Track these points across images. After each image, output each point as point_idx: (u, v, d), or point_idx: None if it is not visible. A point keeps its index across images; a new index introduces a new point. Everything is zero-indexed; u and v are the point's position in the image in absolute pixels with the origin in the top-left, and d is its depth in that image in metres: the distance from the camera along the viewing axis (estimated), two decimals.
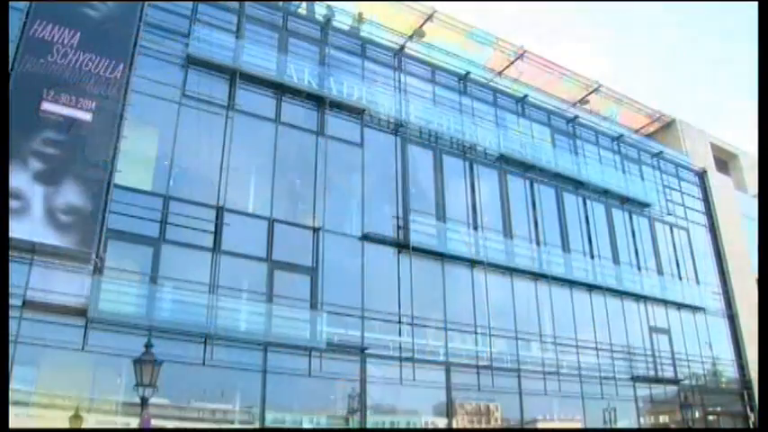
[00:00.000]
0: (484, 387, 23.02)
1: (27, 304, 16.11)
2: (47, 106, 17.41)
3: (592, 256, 28.17)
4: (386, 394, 21.57)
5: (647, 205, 31.51)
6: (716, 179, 36.27)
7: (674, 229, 32.78)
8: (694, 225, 33.99)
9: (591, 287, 27.34)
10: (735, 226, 34.87)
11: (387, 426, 22.24)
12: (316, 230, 21.35)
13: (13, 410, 15.64)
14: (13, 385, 15.58)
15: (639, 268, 29.91)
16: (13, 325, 14.94)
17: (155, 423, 14.95)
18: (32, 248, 16.34)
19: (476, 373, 22.93)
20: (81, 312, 16.80)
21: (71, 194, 17.14)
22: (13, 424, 15.98)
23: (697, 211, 34.74)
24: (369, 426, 20.72)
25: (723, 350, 32.17)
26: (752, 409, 31.14)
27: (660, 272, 30.77)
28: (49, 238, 16.51)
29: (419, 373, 21.62)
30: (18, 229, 15.70)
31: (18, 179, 16.35)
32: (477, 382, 22.92)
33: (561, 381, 24.82)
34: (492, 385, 23.19)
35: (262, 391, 19.06)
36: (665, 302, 30.03)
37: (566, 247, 27.42)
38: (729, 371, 32.29)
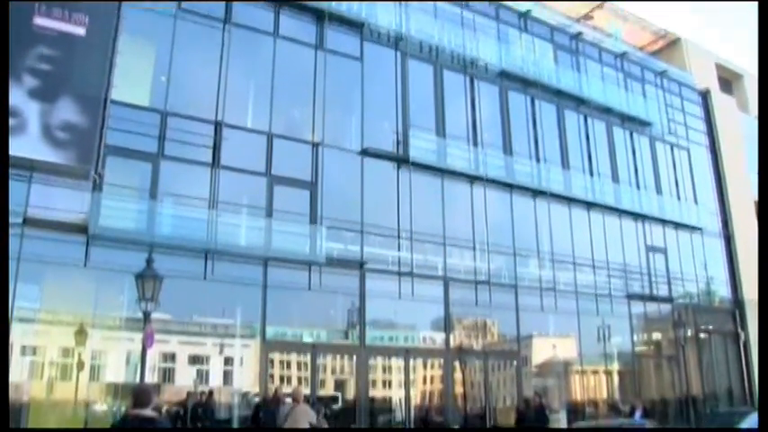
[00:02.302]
0: (481, 302, 23.41)
1: (28, 221, 16.16)
2: (39, 21, 16.99)
3: (591, 174, 28.14)
4: (385, 309, 21.95)
5: (648, 124, 31.26)
6: (719, 99, 35.86)
7: (675, 149, 32.64)
8: (695, 145, 33.82)
9: (590, 205, 27.44)
10: (736, 147, 34.68)
11: (386, 340, 22.69)
12: (315, 145, 21.25)
13: (18, 327, 16.02)
14: (17, 303, 15.83)
15: (639, 187, 29.93)
16: (14, 243, 14.99)
17: (158, 338, 15.20)
18: (31, 165, 16.27)
19: (474, 288, 23.28)
20: (82, 229, 16.90)
21: (67, 111, 16.92)
22: (19, 341, 16.33)
23: (698, 131, 34.49)
24: (367, 340, 21.17)
25: (718, 270, 32.55)
26: (743, 329, 31.72)
27: (659, 191, 30.82)
28: (47, 155, 16.41)
29: (418, 288, 21.97)
30: (15, 147, 15.54)
31: (13, 96, 16.06)
32: (474, 297, 23.30)
33: (557, 297, 25.23)
34: (489, 301, 23.57)
35: (262, 306, 19.39)
36: (663, 222, 30.22)
37: (565, 164, 27.36)
38: (723, 291, 32.75)
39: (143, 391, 5.81)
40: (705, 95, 35.33)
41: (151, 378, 17.07)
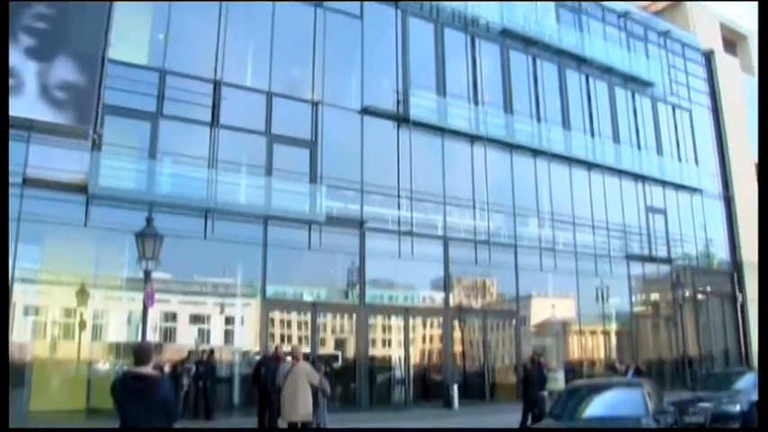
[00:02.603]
0: (481, 262, 23.51)
1: (27, 181, 16.14)
2: None
3: (592, 135, 28.02)
4: (385, 268, 22.04)
5: (650, 85, 31.02)
6: (723, 60, 35.51)
7: (677, 110, 32.44)
8: (697, 106, 33.62)
9: (590, 165, 27.39)
10: (738, 108, 34.43)
11: (385, 299, 22.83)
12: (315, 104, 21.13)
13: (20, 287, 16.08)
14: (18, 263, 15.88)
15: (640, 148, 29.82)
16: (14, 203, 14.93)
17: (159, 297, 15.27)
18: (29, 125, 16.16)
19: (473, 247, 23.35)
20: (81, 188, 16.90)
21: (65, 70, 16.80)
22: (21, 301, 16.41)
23: (701, 92, 34.24)
24: (367, 299, 21.30)
25: (717, 232, 32.66)
26: (740, 290, 31.88)
27: (660, 152, 30.71)
28: (45, 114, 16.34)
29: (417, 248, 22.03)
30: (13, 107, 15.32)
31: (10, 55, 15.90)
32: (474, 256, 23.38)
33: (557, 257, 25.32)
34: (489, 260, 23.67)
35: (262, 265, 19.47)
36: (663, 183, 30.18)
37: (566, 124, 27.21)
38: (721, 252, 32.85)
39: (142, 349, 5.83)
40: (708, 56, 34.97)
41: (153, 337, 17.18)
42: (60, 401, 16.21)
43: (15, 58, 16.00)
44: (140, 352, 5.80)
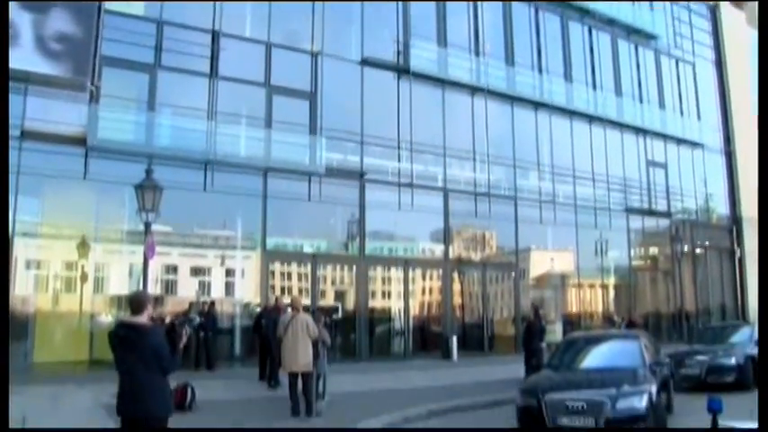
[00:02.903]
0: (481, 214, 23.53)
1: (26, 134, 16.04)
2: None
3: (594, 87, 27.74)
4: (384, 220, 22.10)
5: (654, 37, 30.57)
6: (729, 13, 34.91)
7: (680, 64, 32.09)
8: (701, 60, 33.25)
9: (591, 118, 27.19)
10: (742, 63, 34.00)
11: (385, 251, 22.95)
12: (314, 55, 20.88)
13: (21, 241, 16.12)
14: (18, 216, 15.91)
15: (642, 101, 29.57)
16: (13, 156, 14.80)
17: (159, 250, 15.32)
18: (26, 77, 15.92)
19: (473, 200, 23.35)
20: (80, 141, 16.80)
21: (61, 21, 16.53)
22: (22, 255, 16.46)
23: (705, 45, 33.83)
24: (367, 251, 21.39)
25: (717, 187, 32.67)
26: (739, 245, 32.01)
27: (662, 106, 30.47)
28: (42, 66, 16.11)
29: (417, 199, 22.02)
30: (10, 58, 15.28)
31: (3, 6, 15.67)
32: (474, 209, 23.41)
33: (556, 210, 25.36)
34: (489, 212, 23.70)
35: (262, 217, 19.49)
36: (665, 137, 30.04)
37: (568, 76, 26.90)
38: (721, 207, 32.91)
39: (137, 298, 5.84)
40: (714, 9, 34.42)
41: (154, 290, 17.32)
42: (63, 353, 16.42)
43: (10, 8, 15.71)
44: (135, 301, 5.82)
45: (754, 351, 14.30)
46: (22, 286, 16.66)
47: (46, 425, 9.52)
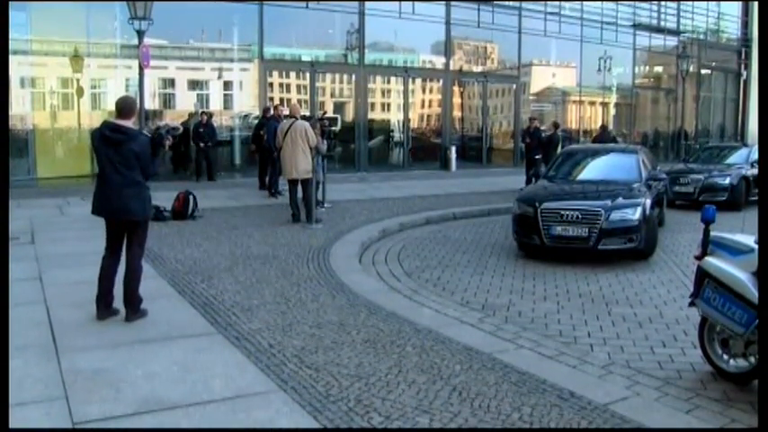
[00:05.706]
0: (483, 24, 22.65)
1: None
2: None
3: None
4: (384, 30, 21.26)
5: None
6: None
7: None
8: None
9: None
10: None
11: (384, 63, 22.48)
12: None
13: (13, 59, 15.44)
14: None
15: None
16: None
17: (156, 64, 14.89)
18: None
19: (476, 9, 22.37)
20: None
21: None
22: (16, 72, 15.88)
23: None
24: (366, 62, 20.89)
25: (731, 7, 31.42)
26: (746, 68, 31.40)
27: None
28: None
29: (418, 7, 20.97)
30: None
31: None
32: (476, 18, 22.49)
33: (562, 22, 24.41)
34: (492, 22, 22.80)
35: (259, 27, 18.79)
36: None
37: None
38: (732, 28, 31.87)
39: (124, 102, 5.66)
40: None
41: (152, 104, 17.25)
42: (65, 168, 16.48)
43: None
44: (122, 104, 5.68)
45: (749, 172, 14.68)
46: (19, 105, 16.47)
47: (51, 233, 9.75)
